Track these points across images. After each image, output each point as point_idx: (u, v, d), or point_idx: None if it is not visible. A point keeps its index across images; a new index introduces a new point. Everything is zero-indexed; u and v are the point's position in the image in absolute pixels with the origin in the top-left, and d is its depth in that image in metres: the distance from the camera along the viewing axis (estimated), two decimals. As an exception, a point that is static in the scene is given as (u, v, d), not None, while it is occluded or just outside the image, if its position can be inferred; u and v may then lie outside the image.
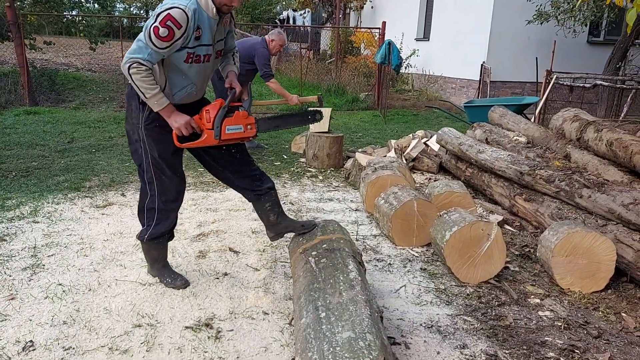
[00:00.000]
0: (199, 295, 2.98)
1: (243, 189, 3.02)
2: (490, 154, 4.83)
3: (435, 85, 13.58)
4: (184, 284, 3.05)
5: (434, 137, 6.32)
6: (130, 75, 2.51)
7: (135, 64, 2.49)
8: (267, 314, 2.83)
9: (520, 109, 8.73)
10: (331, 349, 1.86)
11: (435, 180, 5.33)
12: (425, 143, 6.35)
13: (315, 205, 4.78)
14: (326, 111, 6.19)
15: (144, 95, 2.56)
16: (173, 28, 2.43)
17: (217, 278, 3.22)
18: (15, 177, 5.09)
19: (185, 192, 3.05)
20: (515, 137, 5.48)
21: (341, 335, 1.93)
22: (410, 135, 6.68)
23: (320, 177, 5.76)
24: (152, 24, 2.45)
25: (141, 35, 2.50)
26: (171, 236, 3.11)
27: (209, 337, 2.57)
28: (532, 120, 8.05)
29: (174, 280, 3.05)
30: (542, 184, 4.14)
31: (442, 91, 13.52)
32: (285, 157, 6.58)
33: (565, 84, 9.01)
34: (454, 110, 10.71)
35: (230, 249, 3.66)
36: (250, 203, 3.09)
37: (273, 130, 2.91)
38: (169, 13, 2.42)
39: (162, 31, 2.42)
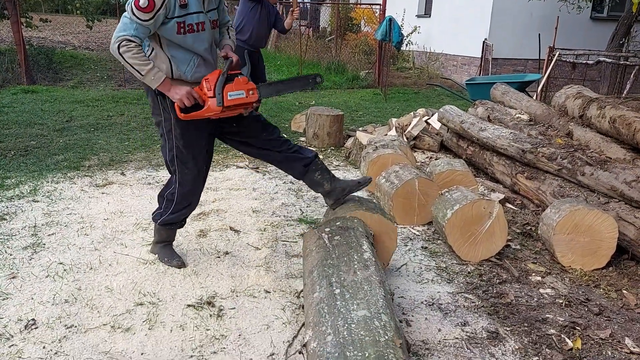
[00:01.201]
0: (201, 273, 2.98)
1: (289, 165, 3.02)
2: (492, 132, 4.80)
3: (437, 62, 13.45)
4: (180, 264, 3.05)
5: (436, 115, 6.27)
6: (121, 55, 2.47)
7: (124, 42, 2.45)
8: (269, 292, 2.84)
9: (522, 87, 8.66)
10: (346, 325, 1.87)
11: (436, 159, 5.30)
12: (426, 121, 6.30)
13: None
14: None
15: (140, 74, 2.52)
16: None
17: (219, 257, 3.22)
18: (14, 156, 5.06)
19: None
20: (517, 115, 5.44)
21: (356, 313, 1.93)
22: (412, 113, 6.63)
23: (321, 156, 5.73)
24: None
25: (125, 13, 2.48)
26: (183, 223, 3.14)
27: (210, 315, 2.57)
28: (534, 97, 7.98)
29: (171, 259, 3.06)
30: (544, 161, 4.11)
31: (443, 69, 13.39)
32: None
33: (567, 60, 8.92)
34: (455, 88, 10.62)
35: (231, 228, 3.66)
36: (301, 180, 3.10)
37: (275, 95, 2.88)
38: None
39: (142, 2, 2.40)
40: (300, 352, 2.29)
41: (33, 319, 2.46)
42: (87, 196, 4.13)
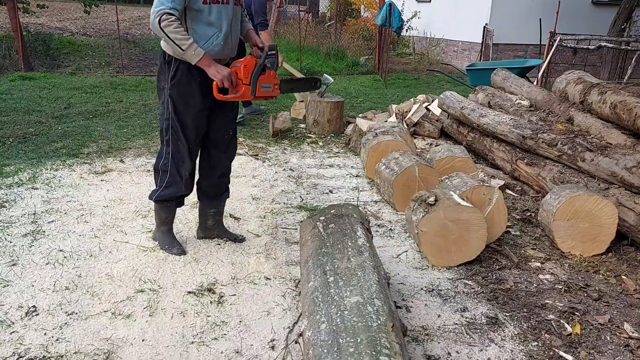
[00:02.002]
0: (201, 260, 2.98)
1: (211, 183, 3.11)
2: (493, 118, 4.78)
3: (437, 48, 13.36)
4: (180, 252, 3.04)
5: (436, 102, 6.25)
6: (162, 29, 2.46)
7: (164, 16, 2.45)
8: (269, 279, 2.84)
9: (523, 72, 8.60)
10: (339, 312, 1.87)
11: (436, 146, 5.29)
12: (426, 107, 6.28)
13: (316, 171, 4.75)
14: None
15: (180, 49, 2.52)
16: None
17: (219, 244, 3.22)
18: (13, 143, 5.04)
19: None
20: (517, 101, 5.41)
21: (349, 300, 1.93)
22: (412, 99, 6.61)
23: (321, 143, 5.71)
24: None
25: None
26: (180, 202, 3.08)
27: (211, 302, 2.58)
28: (535, 83, 7.94)
29: (171, 247, 3.06)
30: (544, 147, 4.10)
31: (443, 54, 13.31)
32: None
33: (569, 45, 8.85)
34: (455, 74, 10.56)
35: (231, 215, 3.65)
36: (200, 199, 3.19)
37: (289, 92, 2.94)
38: None
39: None
40: (296, 342, 2.30)
41: (34, 306, 2.47)
42: (87, 183, 4.12)
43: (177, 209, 3.12)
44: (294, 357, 2.22)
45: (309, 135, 6.02)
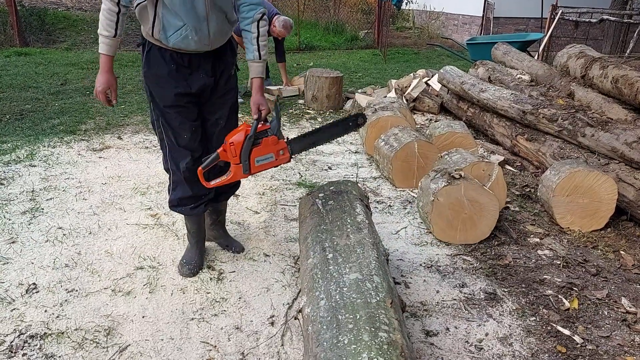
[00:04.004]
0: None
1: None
2: (493, 93, 4.73)
3: (437, 22, 13.19)
4: (188, 273, 2.62)
5: (436, 77, 6.18)
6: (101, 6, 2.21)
7: None
8: (268, 255, 2.85)
9: (524, 46, 8.51)
10: (338, 289, 1.88)
11: (436, 121, 5.25)
12: (426, 82, 6.21)
13: (314, 147, 4.71)
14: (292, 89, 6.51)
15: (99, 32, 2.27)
16: None
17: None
18: (10, 120, 5.00)
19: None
20: (518, 75, 5.36)
21: (348, 277, 1.94)
22: (411, 74, 6.54)
23: (320, 119, 5.67)
24: None
25: None
26: (198, 207, 2.59)
27: (211, 279, 2.59)
28: (536, 57, 7.85)
29: (182, 265, 2.66)
30: (544, 123, 4.07)
31: (444, 28, 13.13)
32: (283, 98, 6.46)
33: (570, 19, 8.73)
34: (456, 48, 10.44)
35: (230, 192, 3.64)
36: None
37: (310, 149, 2.51)
38: None
39: None
40: (295, 318, 2.31)
41: (34, 284, 2.48)
42: (85, 160, 4.10)
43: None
44: (293, 332, 2.23)
45: (307, 111, 5.97)
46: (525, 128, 4.35)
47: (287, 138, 2.47)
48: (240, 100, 6.13)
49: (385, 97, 5.56)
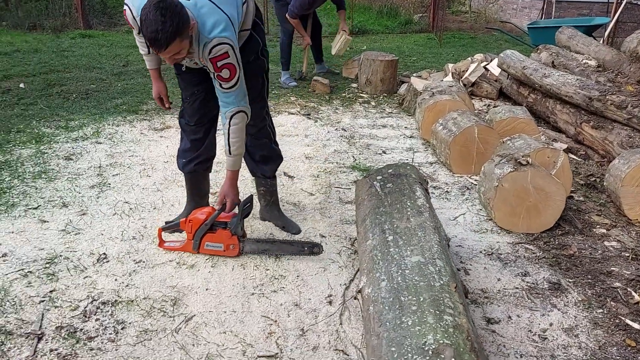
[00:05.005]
0: (257, 216, 3.03)
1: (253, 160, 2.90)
2: (557, 79, 4.55)
3: (495, 5, 12.75)
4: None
5: (495, 61, 6.00)
6: None
7: None
8: (324, 236, 2.87)
9: (589, 31, 8.10)
10: (400, 271, 1.87)
11: (494, 107, 5.11)
12: (484, 67, 6.04)
13: (368, 131, 4.70)
14: (346, 41, 6.27)
15: None
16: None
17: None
18: (76, 99, 5.22)
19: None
20: (584, 61, 5.13)
21: (410, 259, 1.93)
22: (469, 58, 6.37)
23: (373, 103, 5.63)
24: None
25: None
26: (187, 164, 2.78)
27: (269, 257, 2.63)
28: (601, 42, 7.48)
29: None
30: (612, 110, 3.89)
31: (502, 12, 12.69)
32: (337, 82, 6.44)
33: (638, 3, 8.24)
34: (515, 33, 10.07)
35: (285, 174, 3.68)
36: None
37: (260, 254, 2.64)
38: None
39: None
40: (355, 298, 2.33)
41: (104, 254, 2.60)
42: (147, 139, 4.23)
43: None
44: (351, 312, 2.25)
45: (361, 95, 5.93)
46: (590, 115, 4.17)
47: (243, 237, 2.64)
48: (293, 83, 6.18)
49: (442, 81, 5.45)
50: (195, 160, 2.76)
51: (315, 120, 4.96)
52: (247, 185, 3.40)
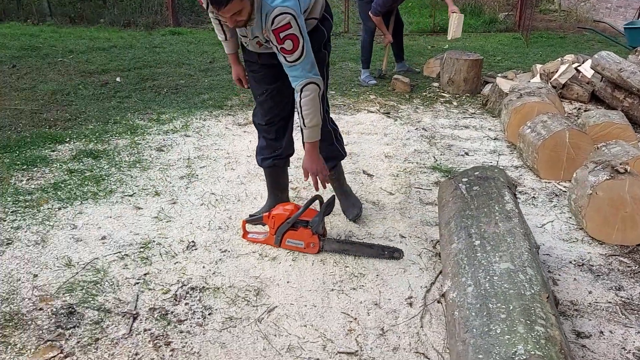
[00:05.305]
0: (337, 213, 3.05)
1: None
2: (659, 82, 4.24)
3: (587, 4, 12.04)
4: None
5: (588, 62, 5.67)
6: None
7: None
8: (404, 237, 2.85)
9: (695, 31, 7.48)
10: (488, 277, 1.83)
11: (585, 110, 4.84)
12: (576, 69, 5.73)
13: (450, 132, 4.60)
14: (459, 18, 5.91)
15: None
16: None
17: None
18: (167, 93, 5.51)
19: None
20: (691, 63, 4.73)
21: (499, 266, 1.88)
22: (559, 59, 6.06)
23: (455, 103, 5.50)
24: None
25: None
26: (265, 160, 2.85)
27: (348, 254, 2.65)
28: None
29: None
30: None
31: (594, 11, 11.96)
32: (417, 80, 6.35)
33: None
34: (609, 32, 9.47)
35: (364, 172, 3.69)
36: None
37: (339, 254, 2.66)
38: None
39: None
40: (438, 301, 2.30)
41: (193, 241, 2.73)
42: (231, 134, 4.39)
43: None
44: (433, 316, 2.22)
45: (442, 94, 5.82)
46: (698, 122, 3.86)
47: (324, 235, 2.68)
48: (373, 81, 6.16)
49: (529, 82, 5.23)
50: (272, 157, 2.82)
51: (395, 119, 4.93)
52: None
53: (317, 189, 2.55)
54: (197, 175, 3.53)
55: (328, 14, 2.63)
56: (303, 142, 2.48)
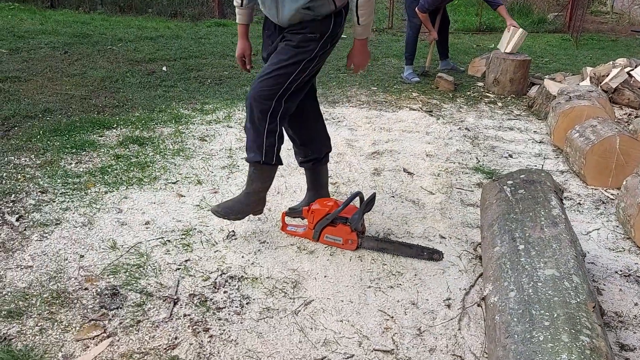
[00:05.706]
0: (376, 210, 3.04)
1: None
2: None
3: (643, 5, 11.57)
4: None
5: (642, 66, 5.46)
6: None
7: None
8: (444, 237, 2.82)
9: None
10: (532, 282, 1.79)
11: (637, 117, 4.67)
12: (628, 73, 5.52)
13: (494, 133, 4.51)
14: (522, 34, 5.72)
15: None
16: None
17: (392, 197, 3.26)
18: (211, 84, 5.59)
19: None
20: None
21: (543, 272, 1.84)
22: (610, 63, 5.85)
23: (500, 104, 5.39)
24: None
25: None
26: (308, 164, 2.88)
27: (386, 253, 2.64)
28: None
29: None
30: None
31: (650, 13, 11.49)
32: (461, 80, 6.25)
33: None
34: (664, 36, 9.08)
35: (405, 170, 3.66)
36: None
37: (377, 252, 2.63)
38: None
39: None
40: (478, 305, 2.26)
41: (233, 231, 2.77)
42: (272, 126, 4.41)
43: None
44: (471, 319, 2.19)
45: (486, 94, 5.71)
46: None
47: (362, 233, 2.67)
48: (416, 78, 6.09)
49: (578, 85, 5.07)
50: (306, 161, 2.85)
51: (438, 117, 4.87)
52: (366, 178, 3.43)
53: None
54: (238, 166, 3.58)
55: (345, 10, 2.53)
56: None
